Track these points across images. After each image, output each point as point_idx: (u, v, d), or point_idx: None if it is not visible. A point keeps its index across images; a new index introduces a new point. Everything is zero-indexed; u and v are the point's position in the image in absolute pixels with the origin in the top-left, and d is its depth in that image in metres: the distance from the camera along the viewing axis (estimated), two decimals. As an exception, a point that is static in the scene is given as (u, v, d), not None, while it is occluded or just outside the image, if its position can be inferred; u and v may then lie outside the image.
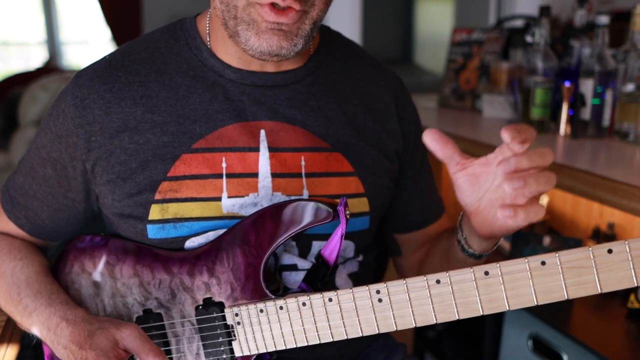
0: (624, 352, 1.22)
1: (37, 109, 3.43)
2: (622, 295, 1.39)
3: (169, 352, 0.82)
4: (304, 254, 0.85)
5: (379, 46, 5.68)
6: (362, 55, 0.95)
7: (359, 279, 0.92)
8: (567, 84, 1.53)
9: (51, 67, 4.84)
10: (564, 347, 1.26)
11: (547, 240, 1.46)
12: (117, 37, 4.60)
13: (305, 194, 0.84)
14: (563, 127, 1.55)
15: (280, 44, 0.75)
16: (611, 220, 1.51)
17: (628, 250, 0.62)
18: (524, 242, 1.50)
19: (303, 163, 0.84)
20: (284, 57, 0.77)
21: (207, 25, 0.86)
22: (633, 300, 1.32)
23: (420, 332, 1.91)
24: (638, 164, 1.28)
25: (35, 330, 0.82)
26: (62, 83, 3.48)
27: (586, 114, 1.49)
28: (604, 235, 1.50)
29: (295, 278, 0.85)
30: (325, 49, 0.90)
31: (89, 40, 5.71)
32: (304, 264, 0.84)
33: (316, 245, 0.85)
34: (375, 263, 1.03)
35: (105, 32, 4.87)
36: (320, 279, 0.81)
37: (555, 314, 1.34)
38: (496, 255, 1.73)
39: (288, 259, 0.85)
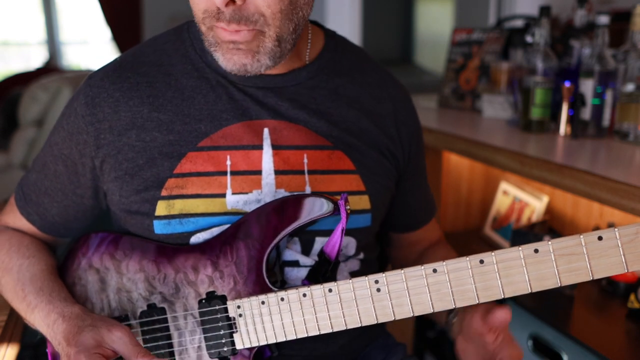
0: (624, 352, 1.22)
1: (37, 109, 3.43)
2: (622, 295, 1.39)
3: (171, 346, 0.83)
4: (306, 250, 0.86)
5: (379, 46, 5.68)
6: (367, 61, 0.97)
7: None
8: (567, 84, 1.53)
9: (51, 67, 4.85)
10: (564, 347, 1.26)
11: (547, 240, 1.46)
12: (117, 37, 4.61)
13: (308, 190, 0.86)
14: (563, 127, 1.55)
15: (242, 62, 0.78)
16: (611, 220, 1.51)
17: (618, 237, 0.64)
18: (523, 242, 1.49)
19: (306, 160, 0.86)
20: (254, 73, 0.80)
21: None
22: (633, 300, 1.32)
23: (420, 332, 1.91)
24: (638, 164, 1.28)
25: (38, 327, 0.83)
26: (62, 83, 3.48)
27: (586, 114, 1.49)
28: (604, 235, 1.50)
29: (297, 274, 0.86)
30: (329, 53, 0.92)
31: (89, 40, 5.71)
32: (306, 261, 0.86)
33: (319, 242, 0.86)
34: (378, 262, 1.04)
35: (105, 32, 4.87)
36: (322, 274, 0.83)
37: (555, 314, 1.34)
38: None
39: (290, 255, 0.86)
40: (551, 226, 1.70)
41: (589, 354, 1.20)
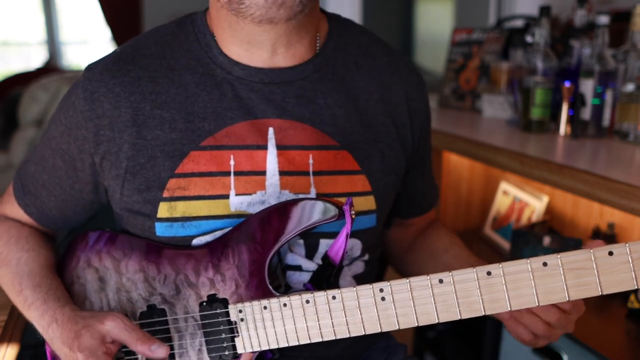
0: (624, 352, 1.22)
1: (37, 109, 3.43)
2: (622, 295, 1.39)
3: (171, 348, 0.82)
4: (311, 253, 0.85)
5: (378, 46, 5.67)
6: (377, 44, 0.93)
7: (363, 281, 0.92)
8: (567, 84, 1.53)
9: (51, 67, 4.85)
10: (564, 347, 1.26)
11: (547, 240, 1.46)
12: (117, 37, 4.60)
13: (313, 191, 0.84)
14: (563, 127, 1.55)
15: None
16: (611, 220, 1.51)
17: (629, 253, 0.63)
18: (524, 242, 1.50)
19: (311, 161, 0.84)
20: (286, 7, 0.75)
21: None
22: (633, 300, 1.32)
23: (420, 332, 1.91)
24: (638, 164, 1.28)
25: (34, 323, 0.83)
26: (62, 83, 3.48)
27: (586, 114, 1.49)
28: (604, 236, 1.50)
29: (299, 278, 0.85)
30: (334, 41, 0.88)
31: (89, 40, 5.71)
32: (309, 265, 0.85)
33: (324, 244, 0.85)
34: (378, 262, 1.04)
35: (105, 32, 4.87)
36: (326, 279, 0.82)
37: (555, 314, 1.34)
38: (496, 255, 1.73)
39: (293, 259, 0.85)
40: (551, 226, 1.70)
41: (589, 354, 1.20)
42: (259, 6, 0.74)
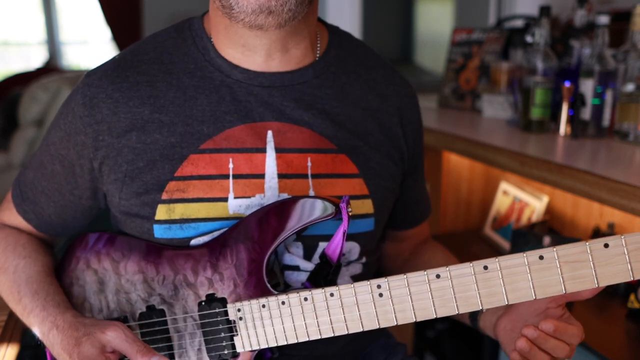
0: (624, 352, 1.22)
1: (37, 109, 3.43)
2: (622, 295, 1.39)
3: (170, 348, 0.83)
4: (309, 254, 0.85)
5: (379, 46, 5.65)
6: (373, 57, 0.95)
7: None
8: (567, 84, 1.53)
9: (51, 67, 4.85)
10: (564, 347, 1.26)
11: (547, 240, 1.46)
12: (117, 37, 4.61)
13: (312, 194, 0.84)
14: (563, 127, 1.55)
15: None
16: (611, 220, 1.51)
17: (624, 245, 0.64)
18: (524, 242, 1.50)
19: (309, 164, 0.85)
20: (274, 15, 0.76)
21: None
22: (633, 300, 1.32)
23: (420, 332, 1.91)
24: (638, 164, 1.28)
25: (34, 330, 0.83)
26: (62, 83, 3.48)
27: (586, 114, 1.49)
28: (604, 236, 1.50)
29: (297, 278, 0.85)
30: (334, 50, 0.90)
31: (89, 40, 5.71)
32: (307, 266, 0.85)
33: (322, 247, 0.85)
34: (377, 263, 1.04)
35: (105, 32, 4.87)
36: (324, 277, 0.82)
37: (555, 314, 1.34)
38: (496, 255, 1.73)
39: (290, 259, 0.85)
40: (551, 226, 1.70)
41: (589, 354, 1.20)
42: (247, 13, 0.75)
